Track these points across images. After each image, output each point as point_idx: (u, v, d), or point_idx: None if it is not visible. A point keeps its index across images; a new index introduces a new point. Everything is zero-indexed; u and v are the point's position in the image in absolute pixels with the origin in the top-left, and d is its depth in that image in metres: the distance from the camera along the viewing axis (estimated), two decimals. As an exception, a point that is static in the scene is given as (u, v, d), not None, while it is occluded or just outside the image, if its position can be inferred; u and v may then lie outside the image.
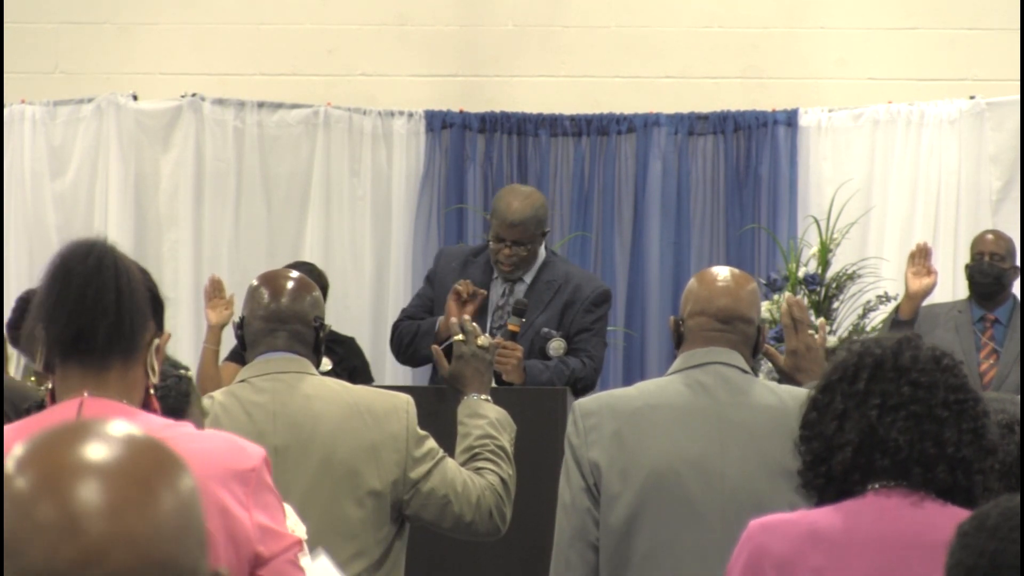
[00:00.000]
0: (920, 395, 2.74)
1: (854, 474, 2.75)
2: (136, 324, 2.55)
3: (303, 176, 8.67)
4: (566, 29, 8.72)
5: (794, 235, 8.20)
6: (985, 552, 2.06)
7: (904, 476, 2.74)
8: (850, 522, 2.74)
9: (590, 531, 3.74)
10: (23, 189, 8.60)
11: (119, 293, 2.53)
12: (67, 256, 2.55)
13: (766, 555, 2.76)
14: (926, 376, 2.76)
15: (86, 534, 1.42)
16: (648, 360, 8.45)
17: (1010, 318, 7.43)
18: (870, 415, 2.74)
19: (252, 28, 8.76)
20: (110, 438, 1.48)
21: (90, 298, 2.52)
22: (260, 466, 2.55)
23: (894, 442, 2.73)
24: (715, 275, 3.92)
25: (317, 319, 3.91)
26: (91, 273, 2.52)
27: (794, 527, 2.77)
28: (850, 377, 2.78)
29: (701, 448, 3.74)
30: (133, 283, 2.56)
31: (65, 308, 2.52)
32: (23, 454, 1.47)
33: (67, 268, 2.53)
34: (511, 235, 5.98)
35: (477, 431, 3.98)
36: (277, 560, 2.55)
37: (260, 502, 2.53)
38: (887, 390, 2.75)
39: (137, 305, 2.56)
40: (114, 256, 2.55)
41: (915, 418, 2.73)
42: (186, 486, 1.49)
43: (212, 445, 2.53)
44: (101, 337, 2.52)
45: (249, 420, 3.75)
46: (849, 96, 8.64)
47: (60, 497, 1.43)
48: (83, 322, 2.52)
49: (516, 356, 5.76)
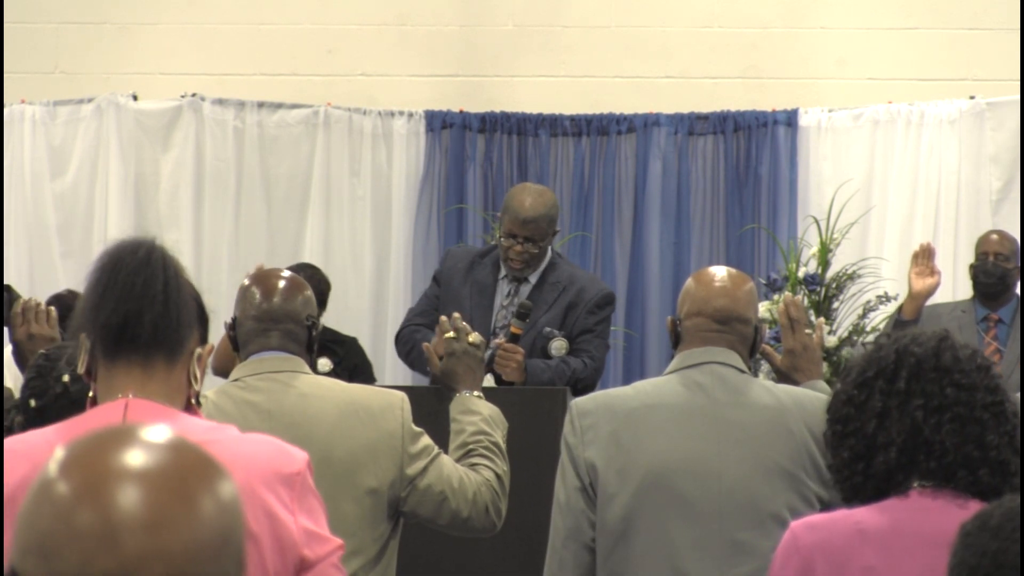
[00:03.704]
0: (963, 397, 2.74)
1: (897, 475, 2.74)
2: (183, 319, 2.55)
3: (303, 176, 8.67)
4: (566, 29, 8.72)
5: (794, 235, 8.20)
6: (987, 552, 2.06)
7: (949, 478, 2.73)
8: (897, 521, 2.73)
9: (585, 531, 3.74)
10: (23, 189, 8.60)
11: (167, 284, 2.53)
12: (117, 249, 2.56)
13: (818, 555, 2.74)
14: (967, 378, 2.75)
15: (123, 546, 1.41)
16: (648, 360, 8.45)
17: (1013, 318, 7.43)
18: (915, 415, 2.73)
19: (252, 28, 8.76)
20: (153, 445, 1.48)
21: (139, 286, 2.52)
22: (304, 470, 2.55)
23: (940, 444, 2.72)
24: (712, 275, 3.92)
25: (309, 318, 3.90)
26: (140, 264, 2.53)
27: (841, 526, 2.75)
28: (889, 375, 2.76)
29: (698, 448, 3.73)
30: (181, 280, 2.56)
31: (113, 295, 2.51)
32: (66, 457, 1.47)
33: (117, 259, 2.54)
34: (524, 232, 5.98)
35: (471, 427, 3.98)
36: (322, 564, 2.55)
37: (305, 506, 2.53)
38: (930, 390, 2.74)
39: (184, 301, 2.55)
40: (163, 253, 2.57)
41: (960, 420, 2.73)
42: (228, 495, 1.48)
43: (257, 449, 2.53)
44: (147, 326, 2.51)
45: (244, 420, 3.74)
46: (849, 96, 8.64)
47: (101, 505, 1.42)
48: (130, 308, 2.51)
49: (516, 359, 5.77)
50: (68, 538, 1.42)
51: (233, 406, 3.80)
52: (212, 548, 1.44)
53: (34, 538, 1.43)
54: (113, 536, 1.41)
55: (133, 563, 1.41)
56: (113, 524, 1.42)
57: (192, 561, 1.43)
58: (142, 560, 1.41)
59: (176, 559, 1.42)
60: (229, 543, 1.46)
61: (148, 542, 1.42)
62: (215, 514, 1.45)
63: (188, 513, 1.44)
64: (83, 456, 1.46)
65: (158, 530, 1.42)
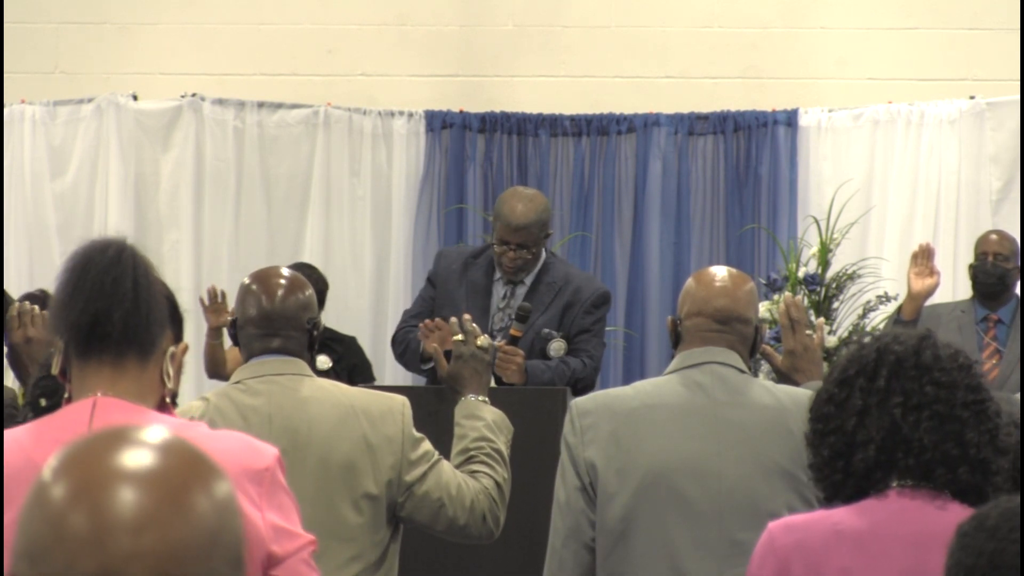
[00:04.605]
0: (943, 395, 2.74)
1: (876, 472, 2.74)
2: (153, 317, 2.55)
3: (303, 176, 8.67)
4: (566, 29, 8.72)
5: (794, 235, 8.20)
6: (984, 552, 2.06)
7: (927, 476, 2.73)
8: (875, 522, 2.73)
9: (585, 531, 3.73)
10: (23, 189, 8.60)
11: (136, 283, 2.54)
12: (87, 249, 2.57)
13: (794, 555, 2.74)
14: (947, 376, 2.75)
15: (106, 548, 1.41)
16: (648, 360, 8.45)
17: (1013, 318, 7.42)
18: (893, 413, 2.73)
19: (252, 28, 8.76)
20: (147, 446, 1.48)
21: (108, 284, 2.53)
22: (274, 465, 2.55)
23: (919, 442, 2.72)
24: (713, 275, 3.92)
25: (311, 320, 3.90)
26: (110, 263, 2.54)
27: (818, 526, 2.75)
28: (869, 373, 2.76)
29: (698, 448, 3.73)
30: (151, 278, 2.57)
31: (82, 295, 2.52)
32: (60, 461, 1.46)
33: (87, 258, 2.55)
34: (515, 239, 5.99)
35: (474, 433, 3.97)
36: (292, 559, 2.55)
37: (274, 502, 2.53)
38: (909, 388, 2.74)
39: (155, 299, 2.56)
40: (134, 252, 2.57)
41: (939, 418, 2.72)
42: (221, 495, 1.47)
43: (226, 445, 2.52)
44: (117, 324, 2.52)
45: (245, 423, 3.74)
46: (849, 96, 8.64)
47: (91, 508, 1.42)
48: (100, 307, 2.52)
49: (517, 361, 5.78)
50: (55, 541, 1.42)
51: (233, 409, 3.79)
52: (199, 548, 1.44)
53: (25, 542, 1.43)
54: (99, 539, 1.41)
55: (116, 564, 1.41)
56: (101, 527, 1.42)
57: (177, 562, 1.42)
58: (125, 561, 1.41)
59: (161, 560, 1.42)
60: (219, 543, 1.45)
61: (131, 543, 1.41)
62: (205, 514, 1.45)
63: (175, 514, 1.43)
64: (76, 460, 1.46)
65: (143, 531, 1.42)
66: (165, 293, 2.64)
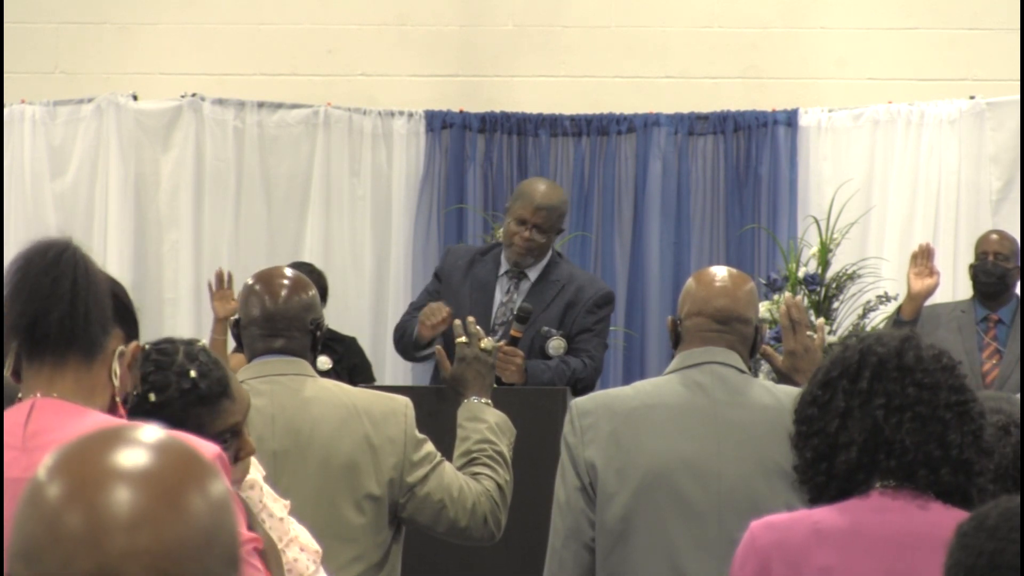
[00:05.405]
0: (925, 396, 2.74)
1: (858, 474, 2.74)
2: (93, 318, 2.55)
3: (303, 176, 8.67)
4: (566, 29, 8.72)
5: (794, 235, 8.20)
6: (984, 552, 2.06)
7: (909, 477, 2.73)
8: (856, 521, 2.73)
9: (585, 531, 3.74)
10: (23, 189, 8.60)
11: (75, 283, 2.54)
12: (29, 250, 2.59)
13: (775, 554, 2.74)
14: (929, 377, 2.75)
15: (103, 547, 1.41)
16: (648, 360, 8.45)
17: (1013, 318, 7.43)
18: (876, 415, 2.73)
19: (252, 28, 8.76)
20: (142, 446, 1.48)
21: (46, 286, 2.54)
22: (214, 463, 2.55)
23: (900, 443, 2.72)
24: (713, 275, 3.92)
25: (314, 321, 3.90)
26: (50, 264, 2.55)
27: (799, 526, 2.76)
28: (852, 375, 2.76)
29: (697, 448, 3.73)
30: (92, 279, 2.57)
31: (22, 296, 2.54)
32: (54, 461, 1.47)
33: (27, 260, 2.57)
34: (535, 218, 6.03)
35: (476, 435, 3.97)
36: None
37: None
38: (892, 390, 2.74)
39: (96, 300, 2.56)
40: (76, 254, 2.58)
41: (920, 419, 2.73)
42: (216, 495, 1.48)
43: None
44: (55, 325, 2.53)
45: (247, 423, 3.74)
46: (849, 96, 8.64)
47: (86, 508, 1.43)
48: (38, 308, 2.53)
49: (516, 362, 5.79)
50: (51, 541, 1.42)
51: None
52: (195, 547, 1.44)
53: (21, 542, 1.43)
54: (95, 538, 1.41)
55: (112, 563, 1.41)
56: (96, 526, 1.42)
57: (173, 560, 1.43)
58: (121, 560, 1.41)
59: (156, 559, 1.42)
60: (214, 542, 1.46)
61: (128, 542, 1.41)
62: (201, 513, 1.45)
63: (170, 512, 1.44)
64: (71, 459, 1.47)
65: (139, 530, 1.42)
66: (116, 292, 2.64)
